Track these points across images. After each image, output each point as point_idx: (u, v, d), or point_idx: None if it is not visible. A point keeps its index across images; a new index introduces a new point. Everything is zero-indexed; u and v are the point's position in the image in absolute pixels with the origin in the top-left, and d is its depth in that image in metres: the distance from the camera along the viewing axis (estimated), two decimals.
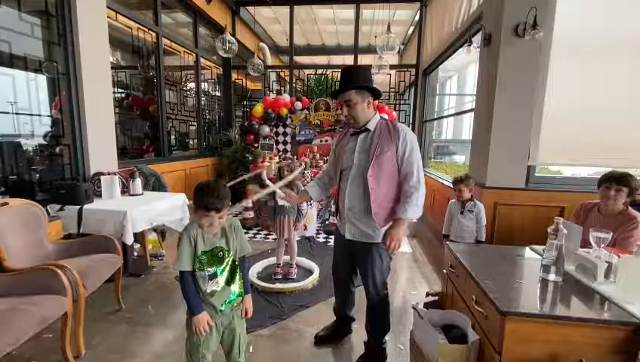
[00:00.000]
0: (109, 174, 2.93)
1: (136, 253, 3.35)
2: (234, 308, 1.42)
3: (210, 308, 1.35)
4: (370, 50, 7.91)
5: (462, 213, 2.48)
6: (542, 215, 2.71)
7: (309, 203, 3.83)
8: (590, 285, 1.32)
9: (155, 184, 3.43)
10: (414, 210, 1.60)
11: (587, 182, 2.72)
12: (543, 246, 1.79)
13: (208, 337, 1.36)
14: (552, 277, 1.35)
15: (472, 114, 3.33)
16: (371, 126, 1.71)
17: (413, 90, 6.10)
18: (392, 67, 5.46)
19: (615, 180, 1.96)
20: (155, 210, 2.82)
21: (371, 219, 1.65)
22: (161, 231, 3.44)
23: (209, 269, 1.34)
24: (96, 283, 2.04)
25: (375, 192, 1.62)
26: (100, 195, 2.84)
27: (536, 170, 2.79)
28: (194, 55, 5.45)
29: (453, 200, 2.59)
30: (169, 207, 3.00)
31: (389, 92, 6.06)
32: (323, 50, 8.78)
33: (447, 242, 1.87)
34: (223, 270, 1.37)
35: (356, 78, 1.66)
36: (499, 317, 1.12)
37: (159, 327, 2.18)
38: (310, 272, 2.98)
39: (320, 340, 2.05)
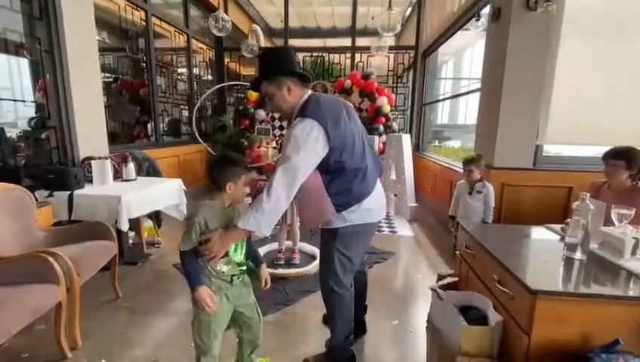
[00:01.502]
0: (100, 159, 2.78)
1: (131, 241, 3.23)
2: (245, 282, 1.35)
3: (219, 280, 1.28)
4: (366, 32, 7.72)
5: (470, 193, 2.42)
6: (549, 195, 2.67)
7: None
8: (617, 262, 1.27)
9: (149, 169, 3.29)
10: (249, 220, 1.22)
11: (595, 161, 2.67)
12: (559, 225, 1.74)
13: (219, 313, 1.27)
14: (577, 255, 1.29)
15: (469, 98, 3.24)
16: (293, 118, 1.42)
17: (412, 72, 5.96)
18: (390, 49, 5.32)
19: (609, 155, 1.93)
20: (151, 195, 2.70)
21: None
22: (157, 218, 3.32)
23: None
24: (90, 271, 1.93)
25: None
26: (91, 181, 2.70)
27: (543, 149, 2.73)
28: (185, 36, 5.22)
29: (462, 181, 2.53)
30: (165, 193, 2.88)
31: (387, 75, 5.93)
32: (318, 32, 8.55)
33: (460, 221, 1.80)
34: (237, 247, 1.29)
35: (268, 66, 1.40)
36: (528, 297, 1.06)
37: (159, 316, 2.10)
38: (313, 257, 2.91)
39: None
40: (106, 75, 4.39)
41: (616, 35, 2.43)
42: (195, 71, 5.68)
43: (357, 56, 5.95)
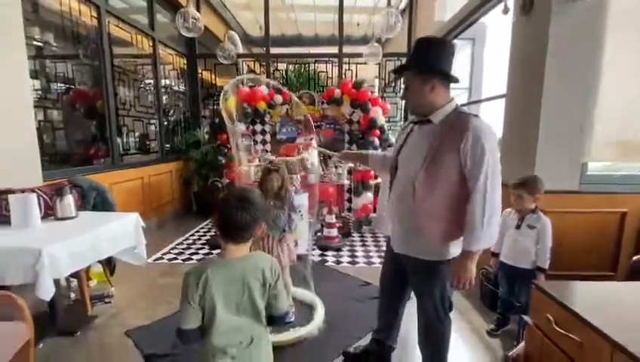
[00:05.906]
0: (23, 192, 2.07)
1: (73, 295, 2.49)
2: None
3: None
4: (350, 40, 7.32)
5: (518, 226, 1.88)
6: (597, 222, 2.22)
7: (298, 211, 3.06)
8: None
9: (97, 201, 2.58)
10: (479, 238, 1.24)
11: None
12: None
13: None
14: None
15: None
16: (436, 118, 1.33)
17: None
18: (384, 55, 4.88)
19: None
20: (94, 239, 1.99)
21: (422, 234, 1.34)
22: (108, 263, 2.59)
23: None
24: None
25: (424, 204, 1.31)
26: (8, 222, 1.97)
27: (588, 168, 2.27)
28: (150, 40, 4.56)
29: (509, 210, 2.00)
30: (115, 233, 2.17)
31: (379, 83, 5.50)
32: (300, 40, 8.08)
33: (537, 282, 1.25)
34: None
35: (420, 57, 1.33)
36: None
37: None
38: (311, 309, 2.28)
39: (348, 357, 1.78)
40: (59, 84, 3.69)
41: None
42: (165, 81, 5.01)
43: (344, 65, 5.49)
